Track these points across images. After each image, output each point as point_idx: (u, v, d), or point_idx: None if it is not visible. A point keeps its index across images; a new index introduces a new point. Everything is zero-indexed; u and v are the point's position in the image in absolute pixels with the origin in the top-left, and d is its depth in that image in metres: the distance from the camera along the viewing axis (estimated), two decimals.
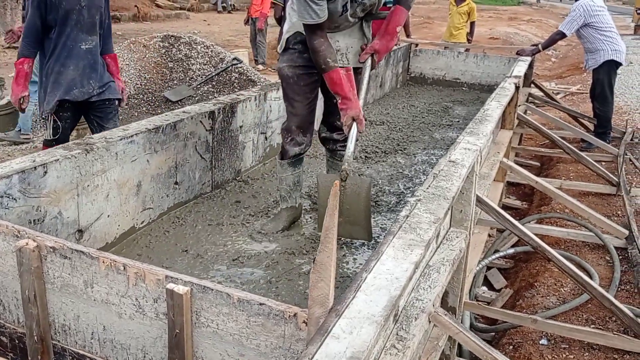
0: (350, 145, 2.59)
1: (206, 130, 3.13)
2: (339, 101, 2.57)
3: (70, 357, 1.74)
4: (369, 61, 2.74)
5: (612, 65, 5.44)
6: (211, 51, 7.33)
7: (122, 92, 3.48)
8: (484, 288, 3.67)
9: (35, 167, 2.14)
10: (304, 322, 1.35)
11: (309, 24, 2.48)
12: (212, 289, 1.46)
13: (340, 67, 2.57)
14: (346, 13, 2.60)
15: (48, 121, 3.23)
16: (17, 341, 1.83)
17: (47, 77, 3.27)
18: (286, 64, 2.77)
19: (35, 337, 1.73)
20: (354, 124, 2.56)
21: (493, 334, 3.12)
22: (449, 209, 1.97)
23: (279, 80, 2.90)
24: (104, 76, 3.35)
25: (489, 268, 3.91)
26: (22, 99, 3.17)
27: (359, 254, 2.76)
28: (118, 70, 3.56)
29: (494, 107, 3.36)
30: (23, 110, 3.32)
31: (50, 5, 3.12)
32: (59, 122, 3.20)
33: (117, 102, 3.43)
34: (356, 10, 2.64)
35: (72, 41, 3.22)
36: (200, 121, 3.08)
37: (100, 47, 3.39)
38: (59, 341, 1.75)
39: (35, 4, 3.12)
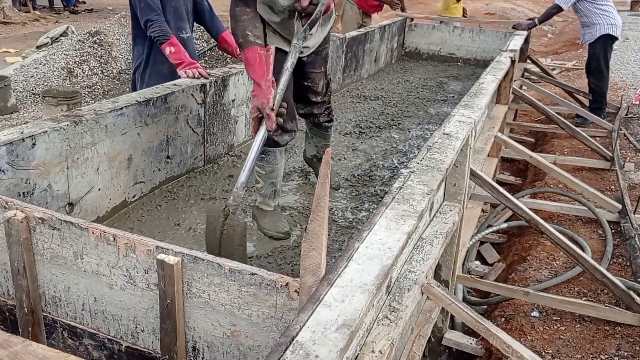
0: (245, 167, 2.20)
1: (198, 103, 3.09)
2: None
3: (62, 329, 1.73)
4: (294, 49, 2.28)
5: (608, 40, 5.41)
6: None
7: None
8: (477, 262, 3.68)
9: (23, 139, 2.10)
10: (295, 291, 1.34)
11: None
12: (203, 259, 1.45)
13: (259, 45, 2.24)
14: None
15: None
16: (7, 313, 1.82)
17: (145, 67, 3.29)
18: None
19: (26, 309, 1.71)
20: (262, 123, 2.19)
21: (485, 306, 3.14)
22: (442, 181, 1.96)
23: None
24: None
25: (482, 243, 3.92)
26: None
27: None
28: (234, 45, 3.41)
29: (489, 80, 3.33)
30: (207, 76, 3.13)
31: None
32: None
33: None
34: None
35: (171, 30, 3.18)
36: (192, 94, 3.03)
37: (215, 28, 3.43)
38: (49, 313, 1.74)
39: None
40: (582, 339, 2.52)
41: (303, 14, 2.31)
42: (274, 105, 2.18)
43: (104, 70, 7.02)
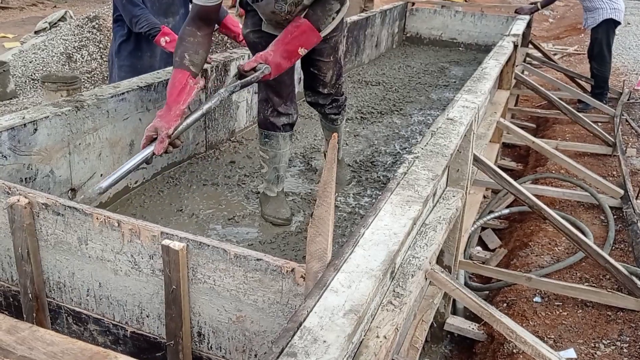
0: (111, 176, 1.98)
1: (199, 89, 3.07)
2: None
3: (66, 314, 1.73)
4: (218, 96, 2.17)
5: (610, 24, 5.37)
6: None
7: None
8: (478, 248, 3.69)
9: (25, 124, 2.09)
10: (301, 277, 1.34)
11: (195, 3, 2.17)
12: (209, 245, 1.45)
13: (193, 72, 2.15)
14: (280, 7, 2.25)
15: None
16: (11, 299, 1.82)
17: (121, 60, 3.23)
18: (250, 29, 2.47)
19: (30, 295, 1.71)
20: (153, 143, 2.06)
21: (487, 292, 3.15)
22: (446, 167, 1.95)
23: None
24: None
25: (483, 229, 3.92)
26: None
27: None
28: (237, 31, 3.27)
29: (492, 65, 3.31)
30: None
31: None
32: None
33: None
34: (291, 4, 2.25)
35: None
36: None
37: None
38: (54, 298, 1.74)
39: None
40: (584, 324, 2.53)
41: (241, 74, 2.24)
42: (172, 134, 2.10)
43: (103, 56, 6.97)
